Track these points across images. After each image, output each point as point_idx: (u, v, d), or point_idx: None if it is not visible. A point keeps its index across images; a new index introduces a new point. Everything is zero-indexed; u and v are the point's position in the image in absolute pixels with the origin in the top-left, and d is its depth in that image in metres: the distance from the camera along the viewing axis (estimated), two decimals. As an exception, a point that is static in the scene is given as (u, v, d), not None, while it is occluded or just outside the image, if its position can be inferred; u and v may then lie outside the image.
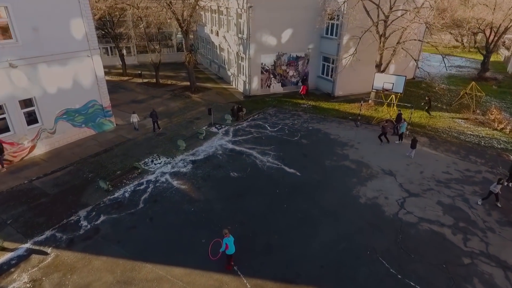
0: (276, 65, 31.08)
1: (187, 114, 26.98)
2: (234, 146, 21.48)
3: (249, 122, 25.41)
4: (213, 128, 24.33)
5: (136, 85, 34.49)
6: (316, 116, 26.56)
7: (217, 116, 26.40)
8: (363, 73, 29.99)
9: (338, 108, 28.47)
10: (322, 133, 23.48)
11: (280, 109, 28.17)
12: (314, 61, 32.44)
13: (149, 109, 27.73)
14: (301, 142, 22.12)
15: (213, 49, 39.21)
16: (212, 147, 21.37)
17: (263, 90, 31.58)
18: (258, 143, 21.91)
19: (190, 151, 20.88)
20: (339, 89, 31.09)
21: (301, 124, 24.94)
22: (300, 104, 29.35)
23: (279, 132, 23.61)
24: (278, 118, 26.17)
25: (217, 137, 22.87)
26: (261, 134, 23.18)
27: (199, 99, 30.53)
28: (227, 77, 36.13)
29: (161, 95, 31.60)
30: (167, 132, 23.77)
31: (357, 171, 18.75)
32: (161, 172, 18.56)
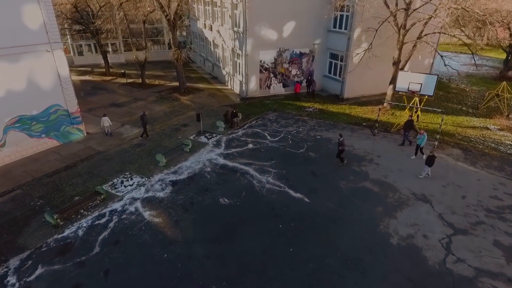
0: (276, 62, 26.80)
1: (173, 120, 22.71)
2: (226, 161, 17.21)
3: (246, 129, 21.14)
4: (202, 138, 20.05)
5: (119, 86, 30.21)
6: (324, 122, 22.29)
7: (208, 122, 22.14)
8: (376, 72, 25.71)
9: (349, 112, 24.20)
10: (333, 143, 19.21)
11: (281, 113, 23.90)
12: (320, 58, 28.14)
13: (129, 114, 23.55)
14: (308, 156, 17.85)
15: (207, 46, 34.93)
16: (199, 163, 17.10)
17: (262, 91, 27.31)
18: (256, 157, 17.64)
19: (171, 168, 16.61)
20: (349, 90, 26.80)
21: (307, 132, 20.67)
22: (305, 107, 25.06)
23: (281, 142, 19.34)
24: (279, 124, 21.90)
25: (206, 149, 18.61)
26: (259, 145, 18.91)
27: (188, 102, 26.25)
28: (221, 77, 31.86)
29: (145, 97, 27.32)
30: (146, 142, 19.50)
31: (381, 196, 14.48)
32: (131, 198, 14.29)
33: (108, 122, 19.97)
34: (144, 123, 19.48)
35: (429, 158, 15.30)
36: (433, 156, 15.23)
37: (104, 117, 19.88)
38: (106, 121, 19.87)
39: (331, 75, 28.28)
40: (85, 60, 37.56)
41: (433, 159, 15.23)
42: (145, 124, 19.54)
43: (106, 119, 19.89)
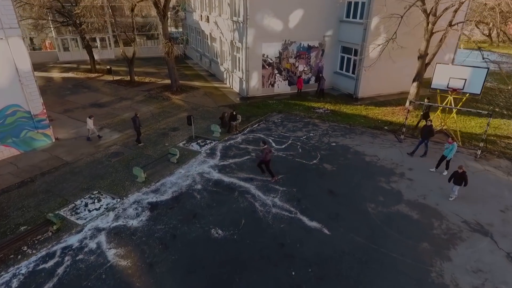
0: (282, 57, 23.22)
1: (161, 123, 19.13)
2: (222, 176, 13.63)
3: (246, 135, 17.55)
4: (194, 145, 16.48)
5: (104, 84, 26.64)
6: (338, 126, 18.69)
7: (202, 126, 18.58)
8: (395, 68, 22.19)
9: (365, 113, 20.58)
10: (352, 152, 15.63)
11: (288, 115, 20.30)
12: (331, 52, 24.54)
13: (111, 116, 20.01)
14: (323, 169, 14.25)
15: (203, 40, 31.35)
16: (187, 178, 13.52)
17: (265, 90, 23.73)
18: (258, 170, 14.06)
19: (152, 185, 13.04)
20: (364, 89, 23.18)
21: (320, 138, 17.08)
22: (315, 108, 21.46)
23: (289, 151, 15.75)
24: (286, 128, 18.30)
25: (197, 159, 15.03)
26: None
27: (181, 102, 22.67)
28: (219, 74, 28.28)
29: (132, 96, 23.75)
30: (125, 150, 15.94)
31: (424, 226, 10.89)
32: (94, 228, 10.73)
33: (90, 126, 16.70)
34: (137, 127, 16.10)
35: (458, 175, 11.66)
36: (462, 173, 11.54)
37: (90, 118, 16.62)
38: (91, 123, 16.64)
39: (343, 71, 24.67)
40: (71, 56, 34.02)
41: (462, 176, 11.59)
42: (138, 128, 16.20)
43: (91, 121, 16.64)
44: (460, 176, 11.60)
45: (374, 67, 20.61)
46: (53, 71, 30.50)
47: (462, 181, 11.65)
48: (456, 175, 11.70)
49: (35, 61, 35.59)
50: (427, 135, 14.74)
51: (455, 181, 11.79)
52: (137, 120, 15.93)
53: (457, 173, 11.65)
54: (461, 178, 11.61)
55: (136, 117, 15.97)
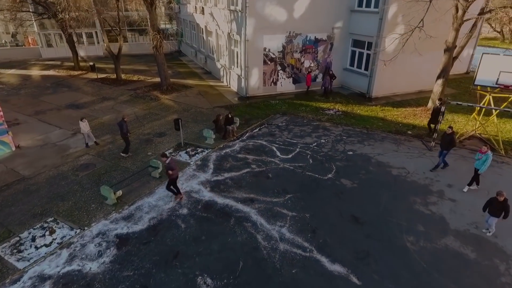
0: (285, 51, 20.28)
1: (145, 127, 16.18)
2: (215, 196, 10.69)
3: (245, 141, 14.61)
4: (182, 154, 13.54)
5: (87, 82, 23.65)
6: (353, 130, 15.75)
7: (194, 130, 15.65)
8: (412, 64, 19.36)
9: (383, 115, 17.63)
10: (374, 163, 12.71)
11: (294, 117, 17.36)
12: (340, 46, 21.60)
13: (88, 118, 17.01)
14: (341, 186, 11.32)
15: (198, 34, 28.36)
16: (171, 199, 10.57)
17: (266, 88, 20.78)
18: (261, 187, 11.14)
19: (125, 209, 10.10)
20: (379, 87, 20.22)
21: (333, 145, 14.15)
22: (324, 109, 18.51)
23: (298, 161, 12.81)
24: (292, 133, 15.37)
25: (185, 173, 12.08)
26: (265, 167, 12.39)
27: (170, 102, 19.70)
28: (216, 71, 25.31)
29: (116, 96, 20.77)
30: (98, 161, 12.99)
31: (487, 270, 7.95)
32: (37, 275, 7.76)
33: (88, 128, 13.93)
34: (124, 133, 13.09)
35: (500, 206, 8.54)
36: (503, 202, 8.44)
37: (83, 121, 13.68)
38: (85, 126, 13.75)
39: (354, 68, 21.72)
40: (55, 53, 31.02)
41: (504, 206, 8.46)
42: (126, 135, 13.18)
43: (85, 123, 13.75)
44: (500, 205, 8.59)
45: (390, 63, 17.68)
46: (33, 68, 27.52)
47: (502, 212, 8.64)
48: (494, 203, 8.69)
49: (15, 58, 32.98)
50: (448, 145, 11.74)
51: (492, 211, 8.76)
52: (124, 125, 12.97)
53: (496, 201, 8.63)
54: (501, 208, 8.60)
55: (123, 122, 12.98)
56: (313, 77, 21.53)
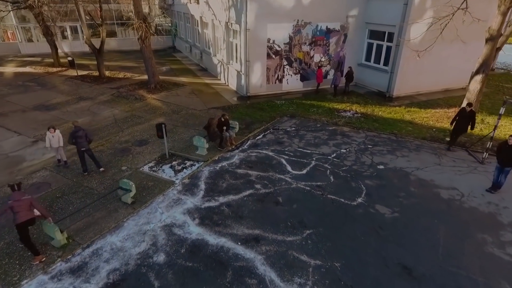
0: (292, 43, 17.22)
1: (124, 133, 13.10)
2: (205, 232, 7.61)
3: (246, 151, 11.53)
4: (166, 170, 10.46)
5: (65, 80, 20.54)
6: (379, 136, 12.70)
7: (183, 137, 12.58)
8: (439, 58, 16.46)
9: (410, 118, 14.58)
10: (415, 181, 9.65)
11: (304, 120, 14.30)
12: (354, 39, 18.55)
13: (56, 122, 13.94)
14: (377, 215, 8.24)
15: (193, 27, 25.27)
16: (143, 237, 7.49)
17: (270, 86, 17.72)
18: (269, 218, 8.07)
19: (76, 254, 7.00)
20: (401, 85, 17.17)
21: (357, 156, 11.09)
22: (339, 110, 15.47)
23: (315, 179, 9.74)
24: (305, 141, 12.31)
25: (167, 196, 9.01)
26: (273, 188, 9.32)
27: (158, 103, 16.62)
28: (212, 68, 22.24)
29: (96, 95, 17.67)
30: (55, 180, 9.87)
31: None
32: None
33: (59, 142, 10.15)
34: (81, 149, 9.79)
35: None
36: None
37: (51, 131, 9.95)
38: (57, 139, 10.05)
39: (371, 63, 18.67)
40: (36, 48, 27.88)
41: None
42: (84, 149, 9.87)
43: (57, 134, 10.05)
44: None
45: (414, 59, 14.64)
46: (8, 65, 24.39)
47: None
48: None
49: None
50: (507, 160, 8.70)
51: None
52: (80, 132, 9.78)
53: None
54: None
55: (79, 130, 9.82)
56: (324, 73, 18.48)
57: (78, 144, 9.70)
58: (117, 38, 30.68)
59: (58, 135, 9.97)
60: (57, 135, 9.94)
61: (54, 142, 9.97)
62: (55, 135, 9.89)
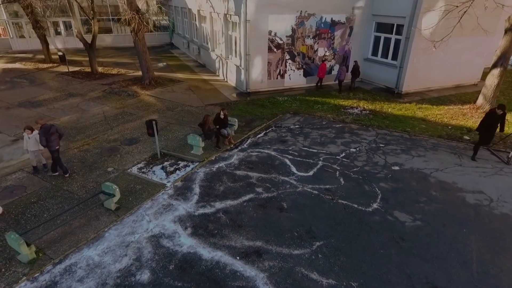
0: (295, 36, 16.14)
1: (113, 131, 12.02)
2: (198, 244, 6.53)
3: (246, 151, 10.44)
4: (157, 171, 9.37)
5: (55, 76, 19.45)
6: (391, 135, 11.62)
7: (177, 135, 11.50)
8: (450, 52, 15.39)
9: (422, 115, 13.48)
10: (435, 184, 8.56)
11: (309, 118, 13.22)
12: (360, 31, 17.48)
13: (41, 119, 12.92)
14: (398, 224, 7.14)
15: (191, 22, 24.19)
16: (125, 250, 6.41)
17: (272, 82, 16.62)
18: (272, 226, 6.98)
19: (45, 272, 5.91)
20: (411, 81, 16.09)
21: (369, 156, 10.01)
22: (345, 107, 14.40)
23: (323, 182, 8.66)
24: (310, 139, 11.23)
25: (156, 201, 7.92)
26: (276, 191, 8.23)
27: (152, 99, 15.54)
28: (211, 64, 21.16)
29: (86, 91, 16.59)
30: (32, 182, 8.79)
31: None
32: None
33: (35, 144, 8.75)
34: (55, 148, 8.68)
35: None
36: None
37: (28, 132, 8.69)
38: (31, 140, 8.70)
39: (377, 57, 17.58)
40: (28, 45, 26.78)
41: None
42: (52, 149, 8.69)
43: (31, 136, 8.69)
44: None
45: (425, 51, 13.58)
46: (-2, 61, 23.34)
47: None
48: None
49: None
50: None
51: None
52: (53, 129, 8.66)
53: None
54: None
55: (51, 127, 8.70)
56: (328, 69, 17.40)
57: (53, 143, 8.55)
58: (112, 35, 29.59)
59: (36, 137, 8.81)
60: (34, 136, 8.77)
61: (30, 144, 8.73)
62: (32, 136, 8.73)
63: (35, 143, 8.69)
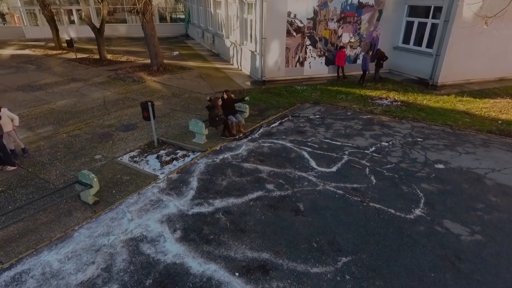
0: (318, 19, 14.47)
1: (110, 116, 10.71)
2: (186, 252, 5.00)
3: (257, 141, 8.86)
4: (151, 160, 7.94)
5: (62, 62, 18.48)
6: (429, 128, 9.77)
7: (179, 122, 10.08)
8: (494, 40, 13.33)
9: (465, 108, 11.51)
10: (493, 187, 6.75)
11: (331, 108, 11.52)
12: (390, 16, 15.60)
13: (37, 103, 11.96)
14: (451, 237, 5.41)
15: (206, 10, 22.81)
16: (94, 257, 4.96)
17: (290, 70, 14.98)
18: (285, 234, 5.38)
19: (-10, 280, 4.59)
20: (448, 71, 14.11)
21: (405, 151, 8.25)
22: (373, 98, 12.61)
23: (350, 179, 6.99)
24: (333, 130, 9.55)
25: (144, 196, 6.48)
26: (291, 189, 6.63)
27: (158, 85, 14.22)
28: (225, 52, 19.70)
29: (90, 77, 15.45)
30: (6, 171, 7.56)
31: None
32: None
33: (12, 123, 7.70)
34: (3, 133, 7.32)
35: None
36: None
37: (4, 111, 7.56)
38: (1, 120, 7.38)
39: (409, 45, 15.65)
40: (41, 33, 26.14)
41: None
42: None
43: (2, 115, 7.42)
44: None
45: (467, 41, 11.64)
46: (8, 48, 22.68)
47: None
48: None
49: None
50: None
51: None
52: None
53: None
54: None
55: None
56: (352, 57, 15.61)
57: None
58: (126, 25, 28.70)
59: (7, 115, 7.56)
60: (5, 114, 7.51)
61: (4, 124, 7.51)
62: (2, 115, 7.46)
63: (7, 122, 7.45)
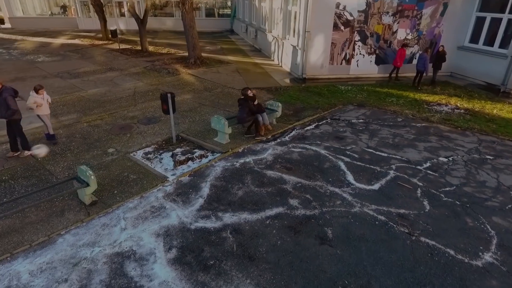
0: (370, 11, 12.82)
1: (136, 107, 10.11)
2: (176, 281, 3.97)
3: (286, 145, 7.65)
4: (165, 158, 7.09)
5: (105, 52, 18.60)
6: (502, 143, 7.84)
7: (204, 118, 9.18)
8: None
9: (548, 122, 9.35)
10: None
11: (378, 112, 9.94)
12: (456, 10, 13.44)
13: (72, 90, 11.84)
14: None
15: (251, 3, 21.90)
16: (72, 269, 4.12)
17: (334, 68, 13.49)
18: (304, 269, 4.14)
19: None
20: (526, 76, 11.79)
21: (470, 172, 6.55)
22: (430, 103, 10.76)
23: (395, 202, 5.55)
24: (378, 138, 8.05)
25: (146, 200, 5.59)
26: (319, 209, 5.35)
27: (192, 78, 13.51)
28: (266, 47, 18.60)
29: (127, 67, 15.18)
30: (14, 159, 7.13)
31: None
32: None
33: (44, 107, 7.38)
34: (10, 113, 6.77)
35: None
36: None
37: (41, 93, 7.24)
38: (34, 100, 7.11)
39: (478, 45, 13.38)
40: (93, 24, 26.95)
41: None
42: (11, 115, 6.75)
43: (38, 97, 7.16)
44: None
45: None
46: (61, 37, 23.59)
47: None
48: None
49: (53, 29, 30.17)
50: None
51: None
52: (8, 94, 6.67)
53: None
54: None
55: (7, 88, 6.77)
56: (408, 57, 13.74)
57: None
58: (173, 18, 28.78)
59: (47, 98, 7.48)
60: (45, 98, 7.42)
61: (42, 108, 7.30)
62: (44, 97, 7.36)
63: (46, 106, 7.45)
